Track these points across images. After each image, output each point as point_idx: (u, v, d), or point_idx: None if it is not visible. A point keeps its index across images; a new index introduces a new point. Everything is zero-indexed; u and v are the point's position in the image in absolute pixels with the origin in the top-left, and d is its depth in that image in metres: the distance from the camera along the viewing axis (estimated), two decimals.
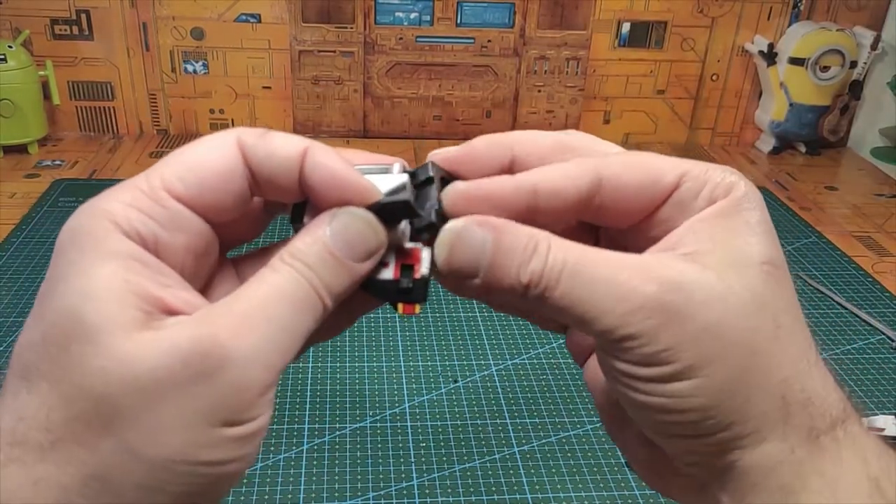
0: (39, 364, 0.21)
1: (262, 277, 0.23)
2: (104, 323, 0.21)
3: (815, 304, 0.67)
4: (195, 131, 0.97)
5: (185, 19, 0.92)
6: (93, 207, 0.23)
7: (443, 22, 0.94)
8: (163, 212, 0.23)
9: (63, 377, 0.21)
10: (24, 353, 0.22)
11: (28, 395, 0.21)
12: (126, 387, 0.20)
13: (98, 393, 0.20)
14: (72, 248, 0.22)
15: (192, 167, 0.23)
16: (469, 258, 0.24)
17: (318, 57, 0.95)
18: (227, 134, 0.24)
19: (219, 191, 0.24)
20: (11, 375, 0.22)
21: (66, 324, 0.21)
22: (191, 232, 0.24)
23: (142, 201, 0.23)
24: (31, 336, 0.22)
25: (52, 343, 0.21)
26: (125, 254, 0.22)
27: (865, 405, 0.54)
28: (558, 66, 0.98)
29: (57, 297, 0.21)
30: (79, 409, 0.20)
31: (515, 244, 0.23)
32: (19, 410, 0.21)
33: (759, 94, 1.02)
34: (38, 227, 0.72)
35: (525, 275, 0.23)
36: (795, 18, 0.98)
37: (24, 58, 0.86)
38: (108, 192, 0.23)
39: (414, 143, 0.99)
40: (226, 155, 0.24)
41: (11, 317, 0.59)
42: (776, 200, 0.87)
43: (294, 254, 0.23)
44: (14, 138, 0.87)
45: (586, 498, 0.46)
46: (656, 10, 0.96)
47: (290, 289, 0.23)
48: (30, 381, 0.21)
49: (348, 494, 0.45)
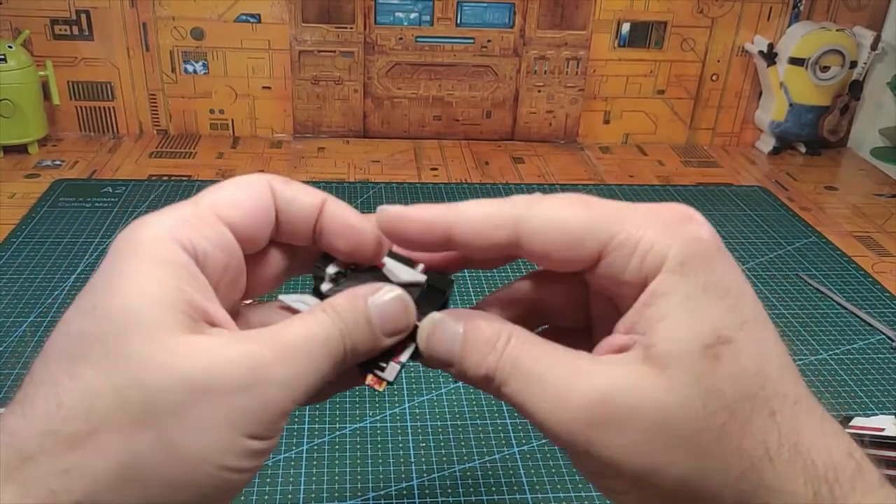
0: (90, 354, 0.22)
1: (306, 319, 0.25)
2: (163, 323, 0.22)
3: (815, 304, 0.67)
4: (195, 131, 0.97)
5: (185, 19, 0.92)
6: (150, 220, 0.24)
7: (443, 22, 0.94)
8: (212, 231, 0.25)
9: (117, 367, 0.22)
10: (70, 343, 0.22)
11: (71, 381, 0.22)
12: (178, 383, 0.22)
13: (150, 385, 0.21)
14: (130, 253, 0.23)
15: (237, 199, 0.26)
16: (444, 348, 0.26)
17: (318, 57, 0.95)
18: (258, 176, 0.27)
19: (259, 223, 0.26)
20: (49, 364, 0.22)
21: (125, 320, 0.22)
22: (232, 255, 0.26)
23: (194, 219, 0.25)
24: (80, 327, 0.22)
25: (109, 335, 0.22)
26: (179, 263, 0.24)
27: (865, 405, 0.54)
28: (558, 66, 0.98)
29: (115, 294, 0.22)
30: (127, 399, 0.21)
31: (480, 337, 0.25)
32: (59, 396, 0.21)
33: (759, 95, 1.02)
34: (38, 227, 0.72)
35: (482, 368, 0.25)
36: (795, 18, 0.98)
37: (24, 58, 0.86)
38: (161, 210, 0.25)
39: (414, 143, 0.99)
40: (263, 193, 0.26)
41: (11, 317, 0.59)
42: (776, 200, 0.87)
43: (336, 308, 0.25)
44: (14, 138, 0.87)
45: (586, 498, 0.46)
46: (656, 11, 0.96)
47: (326, 336, 0.25)
48: (73, 367, 0.22)
49: (348, 494, 0.45)
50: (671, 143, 1.03)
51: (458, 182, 0.86)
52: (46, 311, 0.60)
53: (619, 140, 1.03)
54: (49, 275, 0.65)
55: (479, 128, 1.00)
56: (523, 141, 1.01)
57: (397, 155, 0.95)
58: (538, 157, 0.97)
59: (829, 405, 0.57)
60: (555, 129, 1.01)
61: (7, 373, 0.53)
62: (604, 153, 1.00)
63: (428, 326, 0.26)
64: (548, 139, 1.02)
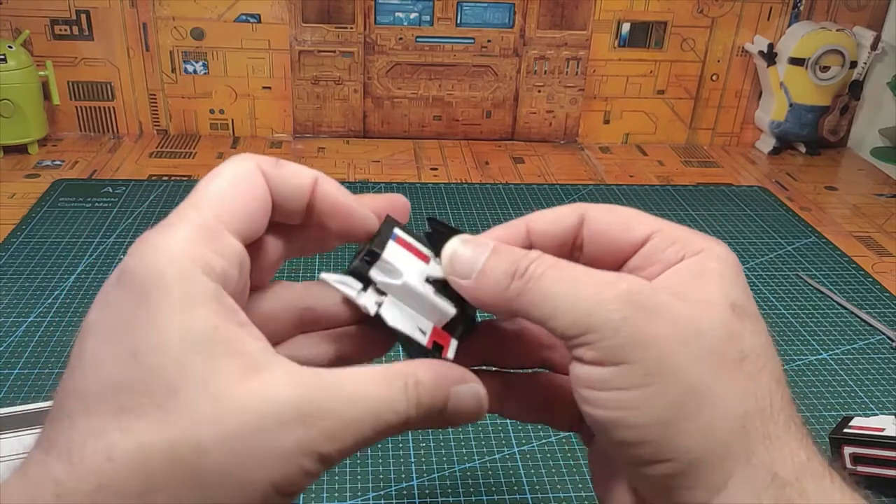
0: (140, 405, 0.21)
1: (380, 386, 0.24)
2: (211, 373, 0.21)
3: (815, 304, 0.67)
4: (195, 131, 0.97)
5: (185, 19, 0.92)
6: (167, 247, 0.23)
7: (443, 22, 0.94)
8: (226, 247, 0.24)
9: (170, 421, 0.21)
10: (115, 393, 0.21)
11: (122, 434, 0.21)
12: (228, 442, 0.21)
13: (202, 444, 0.21)
14: (156, 289, 0.22)
15: (237, 199, 0.25)
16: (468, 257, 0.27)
17: (318, 57, 0.95)
18: (245, 160, 0.26)
19: (258, 217, 0.26)
20: (90, 411, 0.21)
21: (172, 370, 0.21)
22: (244, 267, 0.25)
23: (208, 238, 0.24)
24: (123, 375, 0.21)
25: (158, 387, 0.21)
26: (210, 296, 0.23)
27: (865, 405, 0.54)
28: (558, 66, 0.98)
29: (154, 340, 0.22)
30: (180, 458, 0.21)
31: (514, 249, 0.27)
32: (108, 450, 0.21)
33: (759, 95, 1.02)
34: (38, 228, 0.72)
35: (513, 266, 0.26)
36: (795, 18, 0.98)
37: (24, 58, 0.86)
38: (168, 229, 0.24)
39: (414, 143, 0.99)
40: (257, 182, 0.26)
41: (11, 317, 0.59)
42: (776, 200, 0.87)
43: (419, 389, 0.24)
44: (14, 138, 0.87)
45: (586, 498, 0.46)
46: (656, 11, 0.96)
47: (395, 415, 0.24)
48: (124, 421, 0.21)
49: (348, 494, 0.45)
50: (671, 143, 1.03)
51: (458, 182, 0.86)
52: (46, 311, 0.60)
53: (619, 140, 1.03)
54: (49, 275, 0.65)
55: (479, 128, 1.00)
56: (523, 141, 1.01)
57: (397, 155, 0.95)
58: (538, 157, 0.97)
59: (829, 405, 0.57)
60: (555, 129, 1.01)
61: (7, 373, 0.53)
62: (604, 153, 1.00)
63: (456, 241, 0.27)
64: (548, 139, 1.02)
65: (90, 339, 0.22)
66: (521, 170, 0.93)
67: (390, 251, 0.28)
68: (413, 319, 0.28)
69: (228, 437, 0.21)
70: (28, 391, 0.51)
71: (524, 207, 0.81)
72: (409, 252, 0.28)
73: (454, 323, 0.28)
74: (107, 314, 0.23)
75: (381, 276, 0.27)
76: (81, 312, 0.60)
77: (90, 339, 0.22)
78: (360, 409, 0.23)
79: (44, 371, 0.53)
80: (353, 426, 0.23)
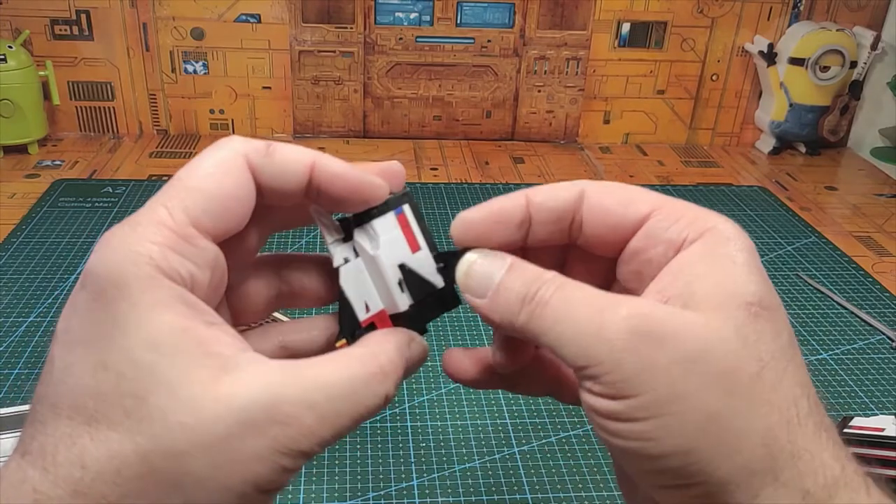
0: (109, 413, 0.21)
1: (353, 372, 0.24)
2: (180, 377, 0.21)
3: (815, 304, 0.67)
4: (195, 131, 0.97)
5: (185, 19, 0.92)
6: (130, 251, 0.22)
7: (443, 22, 0.94)
8: (196, 251, 0.23)
9: (141, 430, 0.21)
10: (85, 401, 0.21)
11: (93, 442, 0.21)
12: (202, 447, 0.21)
13: (176, 450, 0.21)
14: (120, 296, 0.22)
15: (213, 196, 0.24)
16: (484, 275, 0.26)
17: (318, 57, 0.95)
18: (231, 150, 0.25)
19: (238, 216, 0.24)
20: (61, 418, 0.21)
21: (140, 377, 0.21)
22: (217, 267, 0.24)
23: (175, 242, 0.23)
24: (92, 384, 0.21)
25: (126, 395, 0.21)
26: (176, 299, 0.22)
27: (865, 405, 0.54)
28: (558, 66, 0.98)
29: (120, 348, 0.21)
30: (154, 466, 0.21)
31: (527, 268, 0.26)
32: (82, 458, 0.21)
33: (759, 95, 1.02)
34: (38, 228, 0.72)
35: (523, 291, 0.25)
36: (795, 18, 0.98)
37: (24, 58, 0.86)
38: (134, 228, 0.23)
39: (414, 143, 0.99)
40: (241, 178, 0.24)
41: (11, 317, 0.59)
42: (776, 200, 0.87)
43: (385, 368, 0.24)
44: (14, 138, 0.87)
45: (586, 498, 0.46)
46: (656, 11, 0.96)
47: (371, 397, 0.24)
48: (95, 429, 0.21)
49: (348, 494, 0.45)
50: (671, 143, 1.03)
51: (458, 182, 0.86)
52: (46, 311, 0.60)
53: (619, 140, 1.03)
54: (49, 275, 0.65)
55: (479, 128, 1.00)
56: (523, 141, 1.01)
57: (397, 155, 0.95)
58: (538, 157, 0.97)
59: (829, 405, 0.57)
60: (555, 129, 1.01)
61: (7, 373, 0.53)
62: (604, 153, 1.00)
63: (473, 256, 0.27)
64: (548, 139, 1.02)
65: (58, 348, 0.22)
66: (521, 170, 0.93)
67: (384, 221, 0.27)
68: (366, 293, 0.27)
69: (203, 442, 0.21)
70: (28, 391, 0.51)
71: None
72: (403, 233, 0.27)
73: (401, 318, 0.27)
74: (73, 321, 0.22)
75: (360, 237, 0.27)
76: None
77: (58, 347, 0.22)
78: (339, 401, 0.23)
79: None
80: (331, 418, 0.22)
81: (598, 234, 0.27)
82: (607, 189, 0.27)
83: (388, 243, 0.27)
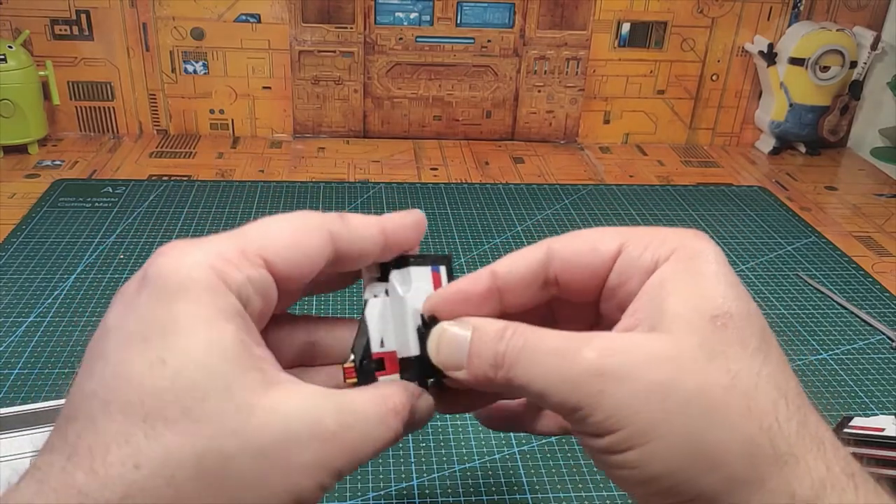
0: (166, 411, 0.21)
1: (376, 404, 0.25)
2: (236, 382, 0.22)
3: (815, 304, 0.67)
4: (195, 131, 0.97)
5: (185, 19, 0.92)
6: (198, 258, 0.23)
7: (443, 22, 0.94)
8: (256, 275, 0.24)
9: (198, 430, 0.21)
10: (140, 395, 0.21)
11: (147, 440, 0.21)
12: (251, 453, 0.21)
13: (228, 453, 0.21)
14: (183, 297, 0.22)
15: (293, 247, 0.25)
16: (453, 349, 0.27)
17: (318, 57, 0.95)
18: (317, 221, 0.26)
19: (307, 273, 0.26)
20: (113, 415, 0.21)
21: (199, 378, 0.21)
22: (268, 300, 0.25)
23: (242, 262, 0.24)
24: (147, 379, 0.21)
25: (186, 394, 0.21)
26: (236, 313, 0.23)
27: (865, 405, 0.54)
28: (558, 66, 0.98)
29: (182, 348, 0.22)
30: (207, 468, 0.21)
31: (489, 331, 0.26)
32: (136, 457, 0.20)
33: (759, 94, 1.02)
34: (38, 227, 0.72)
35: (492, 356, 0.25)
36: (795, 18, 0.98)
37: (24, 58, 0.86)
38: (204, 242, 0.24)
39: (414, 143, 0.99)
40: (322, 244, 0.26)
41: (11, 317, 0.59)
42: (776, 200, 0.87)
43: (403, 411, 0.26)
44: (14, 138, 0.87)
45: (586, 498, 0.46)
46: (656, 11, 0.96)
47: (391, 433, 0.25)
48: (150, 426, 0.21)
49: (348, 494, 0.45)
50: (671, 143, 1.03)
51: (458, 182, 0.86)
52: (46, 311, 0.60)
53: (619, 140, 1.03)
54: (49, 275, 0.65)
55: (479, 128, 1.00)
56: (523, 141, 1.01)
57: (397, 155, 0.95)
58: (538, 157, 0.97)
59: (829, 405, 0.57)
60: (555, 129, 1.01)
61: (7, 373, 0.53)
62: (604, 153, 1.00)
63: (437, 333, 0.27)
64: (548, 139, 1.02)
65: (113, 342, 0.22)
66: (521, 170, 0.93)
67: (420, 272, 0.29)
68: (385, 329, 0.29)
69: (253, 448, 0.21)
70: (28, 391, 0.51)
71: (524, 207, 0.81)
72: (433, 288, 0.29)
73: (407, 364, 0.29)
74: (130, 317, 0.22)
75: (396, 278, 0.29)
76: (81, 312, 0.60)
77: (113, 341, 0.22)
78: (371, 426, 0.24)
79: (44, 371, 0.53)
80: (361, 442, 0.24)
81: (575, 283, 0.28)
82: (572, 239, 0.28)
83: (418, 291, 0.29)
